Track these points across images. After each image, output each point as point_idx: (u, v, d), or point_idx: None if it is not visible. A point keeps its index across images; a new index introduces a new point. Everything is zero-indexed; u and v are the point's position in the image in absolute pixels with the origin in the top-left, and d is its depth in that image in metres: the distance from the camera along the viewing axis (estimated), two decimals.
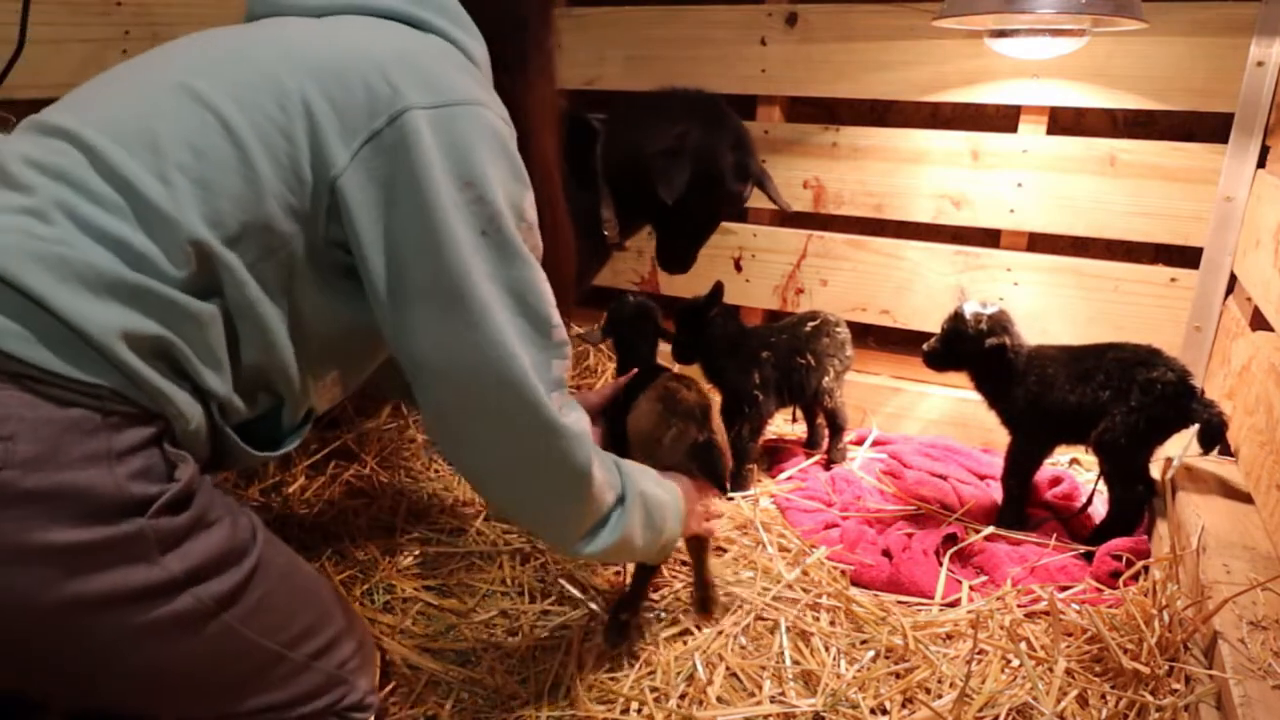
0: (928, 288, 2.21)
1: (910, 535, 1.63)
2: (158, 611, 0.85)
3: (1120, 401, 1.55)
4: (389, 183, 0.93)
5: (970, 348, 1.65)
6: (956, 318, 1.67)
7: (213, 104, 0.90)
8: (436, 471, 1.85)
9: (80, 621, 0.82)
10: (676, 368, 2.19)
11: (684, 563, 1.54)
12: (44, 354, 0.80)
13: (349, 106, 0.92)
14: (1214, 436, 1.52)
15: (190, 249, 0.87)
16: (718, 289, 1.87)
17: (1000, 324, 1.64)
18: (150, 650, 0.87)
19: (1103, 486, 1.68)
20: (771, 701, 1.22)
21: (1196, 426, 1.53)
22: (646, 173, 1.71)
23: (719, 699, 1.22)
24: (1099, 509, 1.71)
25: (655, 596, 1.44)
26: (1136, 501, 1.62)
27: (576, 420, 1.04)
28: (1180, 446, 1.61)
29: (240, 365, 0.95)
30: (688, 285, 2.03)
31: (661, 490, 1.20)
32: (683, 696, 1.23)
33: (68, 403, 0.81)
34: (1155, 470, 1.66)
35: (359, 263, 0.96)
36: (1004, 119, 2.14)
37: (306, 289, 0.98)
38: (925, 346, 1.72)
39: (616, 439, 1.37)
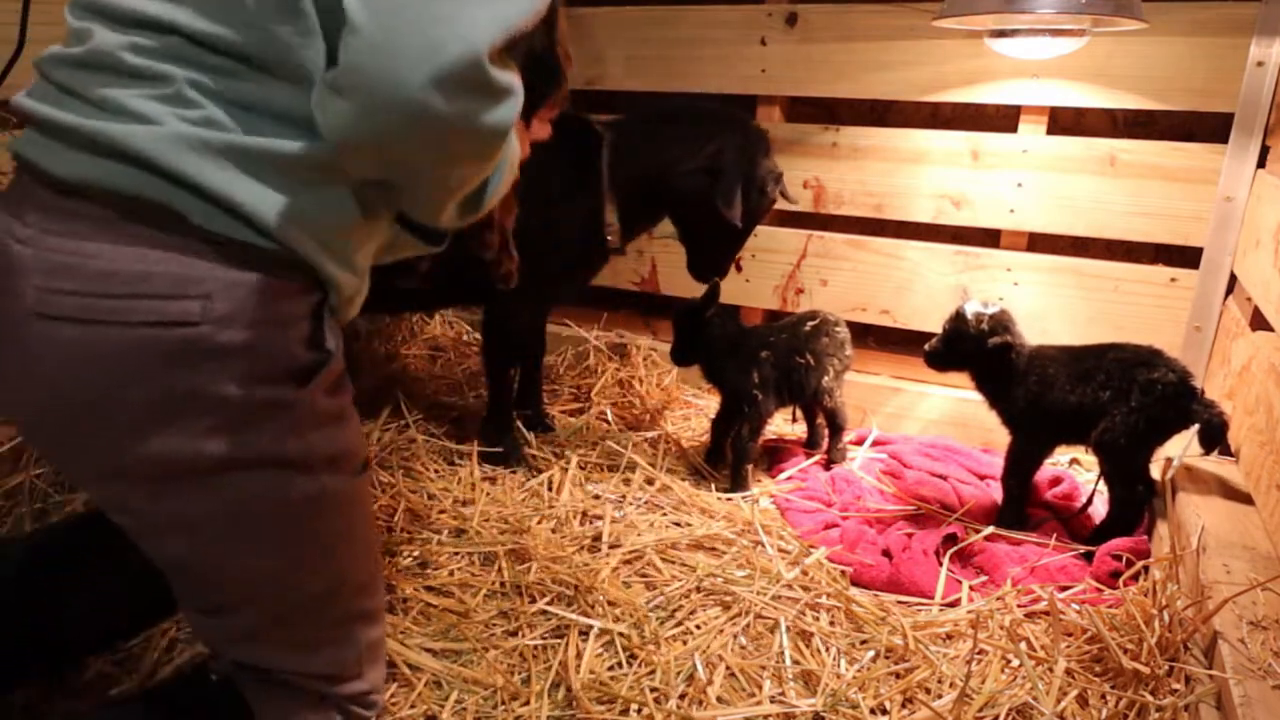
0: (928, 288, 2.21)
1: (910, 535, 1.63)
2: (291, 487, 0.90)
3: (1121, 402, 1.55)
4: None
5: (972, 347, 1.65)
6: (958, 317, 1.67)
7: None
8: (437, 472, 1.85)
9: (229, 479, 0.87)
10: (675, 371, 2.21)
11: (684, 564, 1.55)
12: (222, 226, 0.83)
13: None
14: (1214, 437, 1.52)
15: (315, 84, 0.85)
16: (714, 289, 1.87)
17: (1002, 324, 1.65)
18: (268, 526, 0.91)
19: (1103, 486, 1.68)
20: (771, 701, 1.22)
21: (1197, 427, 1.53)
22: (676, 189, 1.79)
23: (719, 699, 1.22)
24: (1099, 509, 1.71)
25: (653, 595, 1.44)
26: (1136, 501, 1.62)
27: (513, 81, 0.83)
28: (1180, 446, 1.61)
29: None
30: (688, 286, 2.02)
31: (515, 139, 1.00)
32: (683, 696, 1.23)
33: (250, 267, 0.84)
34: (1155, 470, 1.66)
35: None
36: (1004, 119, 2.14)
37: None
38: (927, 346, 1.72)
39: None
